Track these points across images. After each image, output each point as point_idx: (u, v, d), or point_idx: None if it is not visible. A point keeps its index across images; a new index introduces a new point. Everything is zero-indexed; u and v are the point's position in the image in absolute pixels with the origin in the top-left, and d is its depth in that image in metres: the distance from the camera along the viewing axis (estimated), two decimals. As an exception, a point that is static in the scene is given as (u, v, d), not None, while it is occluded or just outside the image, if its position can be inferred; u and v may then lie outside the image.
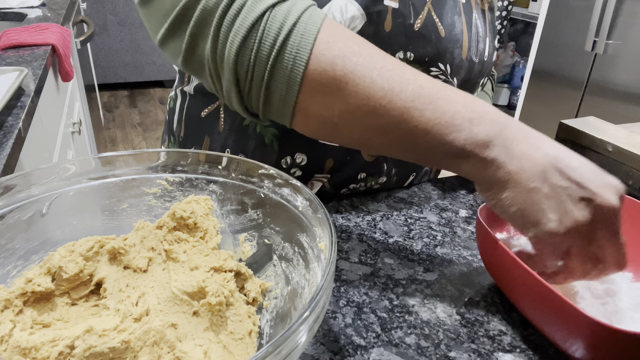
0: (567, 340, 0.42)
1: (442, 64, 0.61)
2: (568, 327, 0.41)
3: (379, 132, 0.42)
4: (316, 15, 0.42)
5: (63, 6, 1.57)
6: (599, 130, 0.76)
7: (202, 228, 0.47)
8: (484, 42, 0.64)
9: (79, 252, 0.42)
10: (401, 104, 0.40)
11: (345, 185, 0.69)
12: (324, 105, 0.42)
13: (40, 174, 0.44)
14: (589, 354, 0.40)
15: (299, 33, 0.41)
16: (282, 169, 0.65)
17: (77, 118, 1.60)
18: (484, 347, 0.45)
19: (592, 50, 2.27)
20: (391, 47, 0.59)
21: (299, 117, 0.44)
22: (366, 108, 0.41)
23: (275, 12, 0.41)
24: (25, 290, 0.39)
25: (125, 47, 3.65)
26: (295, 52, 0.41)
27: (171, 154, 0.49)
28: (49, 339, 0.35)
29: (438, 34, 0.60)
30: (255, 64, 0.42)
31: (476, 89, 0.68)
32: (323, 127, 0.45)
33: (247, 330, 0.41)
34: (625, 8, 2.14)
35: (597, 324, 0.37)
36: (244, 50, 0.41)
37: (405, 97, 0.40)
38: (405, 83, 0.41)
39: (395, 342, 0.45)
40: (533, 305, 0.45)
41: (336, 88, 0.41)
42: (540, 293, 0.42)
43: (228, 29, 0.41)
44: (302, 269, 0.42)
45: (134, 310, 0.39)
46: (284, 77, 0.42)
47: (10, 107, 0.82)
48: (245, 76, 0.43)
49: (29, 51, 1.11)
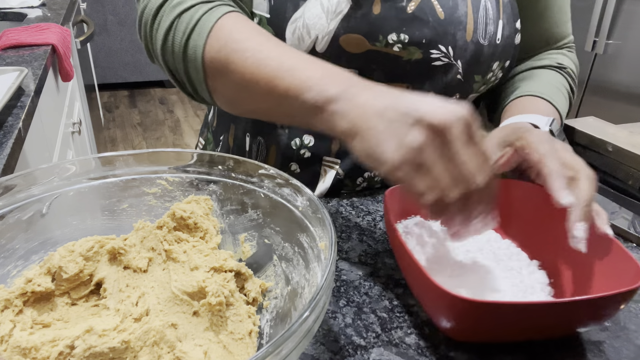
0: (430, 310, 0.45)
1: (442, 46, 0.61)
2: (428, 297, 0.44)
3: (259, 101, 0.51)
4: (214, 15, 0.52)
5: (63, 6, 1.57)
6: (599, 130, 0.76)
7: (202, 228, 0.47)
8: (494, 24, 0.63)
9: (79, 252, 0.42)
10: (266, 75, 0.48)
11: (359, 173, 0.70)
12: (223, 84, 0.52)
13: (40, 174, 0.44)
14: (450, 324, 0.42)
15: (196, 32, 0.52)
16: (293, 150, 0.70)
17: (77, 118, 1.60)
18: (484, 347, 0.45)
19: (592, 50, 2.27)
20: (382, 29, 0.60)
21: (216, 97, 0.54)
22: (245, 82, 0.50)
23: (182, 18, 0.53)
24: (25, 290, 0.39)
25: (125, 47, 3.65)
26: (195, 46, 0.52)
27: (173, 154, 0.49)
28: (49, 339, 0.35)
29: (436, 16, 0.60)
30: (174, 59, 0.54)
31: (491, 72, 0.67)
32: (231, 102, 0.54)
33: (247, 330, 0.41)
34: (625, 8, 2.14)
35: (449, 294, 0.39)
36: (165, 49, 0.54)
37: (269, 70, 0.48)
38: (269, 60, 0.48)
39: (395, 342, 0.45)
40: (409, 280, 0.48)
41: (225, 70, 0.51)
42: (409, 265, 0.44)
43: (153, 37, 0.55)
44: (302, 269, 0.42)
45: (134, 310, 0.39)
46: (193, 67, 0.53)
47: (10, 107, 0.82)
48: (173, 69, 0.55)
49: (29, 51, 1.11)
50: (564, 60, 0.73)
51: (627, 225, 0.62)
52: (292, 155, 0.70)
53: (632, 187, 0.70)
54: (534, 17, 0.71)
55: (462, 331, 0.43)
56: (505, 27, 0.65)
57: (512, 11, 0.66)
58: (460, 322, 0.42)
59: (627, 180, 0.70)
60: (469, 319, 0.41)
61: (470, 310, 0.39)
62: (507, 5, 0.65)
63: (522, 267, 0.51)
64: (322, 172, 0.70)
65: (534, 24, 0.72)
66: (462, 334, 0.44)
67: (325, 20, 0.59)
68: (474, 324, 0.41)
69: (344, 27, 0.60)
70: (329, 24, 0.59)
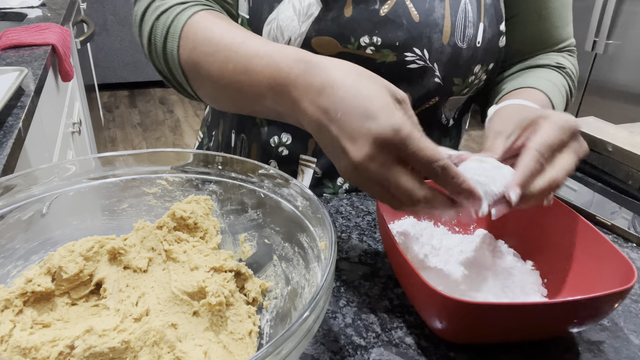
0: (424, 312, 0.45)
1: (417, 49, 0.61)
2: (421, 299, 0.44)
3: (231, 98, 0.51)
4: (184, 16, 0.54)
5: (63, 6, 1.57)
6: (599, 130, 0.76)
7: (202, 228, 0.47)
8: (474, 27, 0.62)
9: (79, 252, 0.42)
10: (230, 79, 0.49)
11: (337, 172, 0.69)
12: (202, 85, 0.54)
13: (40, 174, 0.44)
14: (443, 325, 0.42)
15: (170, 34, 0.54)
16: (272, 147, 0.71)
17: (77, 118, 1.60)
18: (485, 347, 0.45)
19: (592, 50, 2.27)
20: (354, 32, 0.60)
21: (200, 95, 0.56)
22: (216, 85, 0.51)
23: (159, 21, 0.55)
24: (25, 290, 0.39)
25: (125, 47, 3.65)
26: (171, 49, 0.54)
27: (173, 154, 0.49)
28: (49, 339, 0.35)
29: (411, 19, 0.60)
30: (159, 61, 0.56)
31: (472, 75, 0.65)
32: (213, 101, 0.56)
33: (247, 330, 0.41)
34: (625, 8, 2.14)
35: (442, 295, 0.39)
36: (150, 51, 0.56)
37: (231, 73, 0.49)
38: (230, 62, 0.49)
39: (395, 342, 0.45)
40: (402, 282, 0.48)
41: (197, 74, 0.53)
42: (402, 266, 0.44)
43: (141, 38, 0.58)
44: (302, 269, 0.42)
45: (134, 310, 0.39)
46: (174, 68, 0.55)
47: (10, 107, 0.82)
48: (161, 70, 0.57)
49: (29, 51, 1.11)
50: (563, 61, 0.72)
51: (627, 225, 0.63)
52: (271, 152, 0.71)
53: (632, 187, 0.70)
54: (532, 18, 0.70)
55: (455, 333, 0.43)
56: (486, 30, 0.64)
57: (496, 13, 0.65)
58: (454, 324, 0.42)
59: (627, 180, 0.70)
60: (462, 320, 0.41)
61: (463, 312, 0.39)
62: (490, 8, 0.64)
63: (516, 268, 0.51)
64: (300, 171, 0.71)
65: (532, 25, 0.70)
66: (456, 335, 0.44)
67: (297, 22, 0.60)
68: (467, 326, 0.41)
69: (315, 29, 0.60)
70: (301, 26, 0.60)
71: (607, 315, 0.43)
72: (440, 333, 0.44)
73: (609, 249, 0.45)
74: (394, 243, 0.45)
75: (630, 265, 0.42)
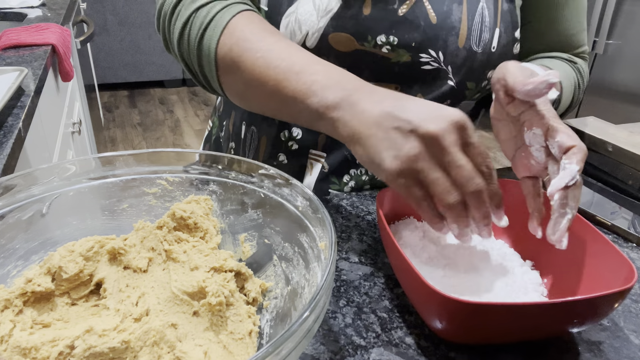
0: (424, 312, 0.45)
1: (433, 51, 0.61)
2: (421, 299, 0.44)
3: (267, 100, 0.52)
4: (229, 13, 0.54)
5: (63, 6, 1.57)
6: (599, 130, 0.76)
7: (202, 228, 0.47)
8: (490, 32, 0.63)
9: (79, 252, 0.42)
10: (275, 77, 0.50)
11: (345, 170, 0.70)
12: (234, 80, 0.55)
13: (40, 174, 0.44)
14: (443, 325, 0.42)
15: (211, 28, 0.54)
16: (281, 141, 0.71)
17: (77, 118, 1.60)
18: (485, 347, 0.45)
19: (592, 50, 2.27)
20: (371, 30, 0.60)
21: (226, 90, 0.57)
22: (254, 81, 0.52)
23: (199, 14, 0.55)
24: (25, 290, 0.39)
25: (125, 47, 3.65)
26: (209, 41, 0.54)
27: (173, 154, 0.49)
28: (49, 339, 0.35)
29: (428, 20, 0.60)
30: (189, 52, 0.56)
31: (485, 80, 0.65)
32: (240, 97, 0.56)
33: (247, 330, 0.41)
34: (625, 8, 2.14)
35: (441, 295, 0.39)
36: (181, 42, 0.56)
37: (278, 72, 0.50)
38: (279, 61, 0.50)
39: (395, 342, 0.45)
40: (402, 282, 0.48)
41: (235, 67, 0.53)
42: (401, 266, 0.45)
43: (170, 30, 0.58)
44: (302, 269, 0.42)
45: (134, 310, 0.39)
46: (207, 61, 0.55)
47: (10, 107, 0.82)
48: (188, 62, 0.57)
49: (29, 51, 1.11)
50: (575, 59, 0.72)
51: (627, 225, 0.63)
52: (280, 146, 0.71)
53: (632, 187, 0.70)
54: (547, 21, 0.70)
55: (455, 333, 0.43)
56: (502, 35, 0.64)
57: (512, 20, 0.65)
58: (454, 324, 0.42)
59: (627, 180, 0.70)
60: (462, 320, 0.41)
61: (463, 312, 0.39)
62: (507, 14, 0.64)
63: (515, 267, 0.51)
64: (309, 165, 0.71)
65: (546, 32, 0.70)
66: (456, 335, 0.44)
67: (315, 17, 0.60)
68: (467, 326, 0.41)
69: (333, 25, 0.60)
70: (319, 21, 0.60)
71: (607, 315, 0.43)
72: (440, 333, 0.44)
73: (609, 249, 0.45)
74: (394, 243, 0.45)
75: (630, 265, 0.42)
